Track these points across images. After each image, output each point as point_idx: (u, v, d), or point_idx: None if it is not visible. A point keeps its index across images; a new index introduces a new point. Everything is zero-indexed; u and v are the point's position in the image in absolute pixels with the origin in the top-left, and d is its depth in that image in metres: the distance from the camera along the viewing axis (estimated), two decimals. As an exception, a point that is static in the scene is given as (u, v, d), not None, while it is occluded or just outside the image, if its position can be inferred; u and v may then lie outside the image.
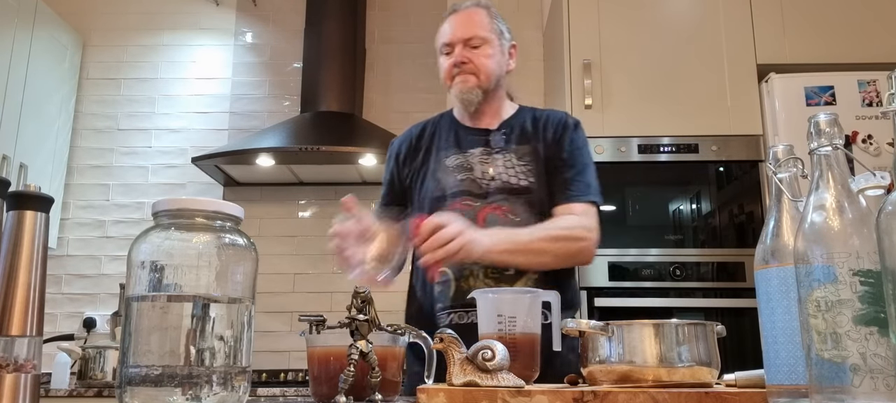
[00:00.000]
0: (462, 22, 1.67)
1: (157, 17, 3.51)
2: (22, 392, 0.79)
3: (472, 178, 1.61)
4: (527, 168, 1.62)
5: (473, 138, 1.67)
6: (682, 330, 0.98)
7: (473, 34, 1.64)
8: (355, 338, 0.99)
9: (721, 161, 2.66)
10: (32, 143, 2.96)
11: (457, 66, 1.63)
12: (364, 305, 0.99)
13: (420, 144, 1.72)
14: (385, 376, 0.99)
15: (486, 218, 1.56)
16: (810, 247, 0.72)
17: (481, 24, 1.66)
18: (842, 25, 2.76)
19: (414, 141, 1.73)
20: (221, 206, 0.82)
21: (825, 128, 0.75)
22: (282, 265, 3.21)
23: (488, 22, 1.68)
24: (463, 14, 1.68)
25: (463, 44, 1.64)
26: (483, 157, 1.64)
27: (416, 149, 1.72)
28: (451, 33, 1.66)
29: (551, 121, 1.69)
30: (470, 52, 1.64)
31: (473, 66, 1.63)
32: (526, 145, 1.65)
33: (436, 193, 1.63)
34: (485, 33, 1.66)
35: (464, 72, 1.63)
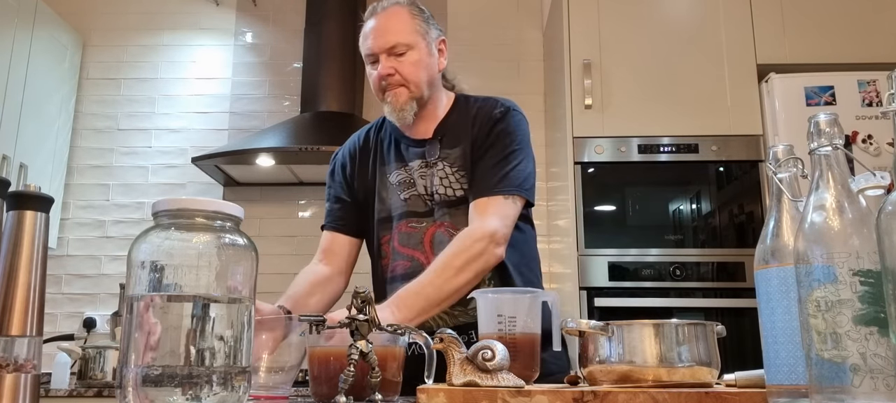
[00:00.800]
0: (381, 29, 1.50)
1: (157, 17, 3.51)
2: (22, 392, 0.79)
3: (416, 195, 1.52)
4: (460, 174, 1.50)
5: (413, 150, 1.55)
6: (682, 330, 0.98)
7: (396, 42, 1.48)
8: (355, 338, 0.99)
9: (721, 161, 2.66)
10: (32, 143, 2.96)
11: (383, 80, 1.49)
12: (364, 305, 0.99)
13: (365, 158, 1.60)
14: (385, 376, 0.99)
15: (432, 238, 1.49)
16: (810, 247, 0.72)
17: (402, 27, 1.49)
18: (842, 25, 2.77)
19: (358, 155, 1.62)
20: (221, 206, 0.81)
21: (825, 128, 0.75)
22: (282, 265, 3.21)
23: (410, 22, 1.51)
24: (382, 18, 1.51)
25: (386, 53, 1.48)
26: (422, 170, 1.53)
27: (362, 161, 1.60)
28: (371, 44, 1.50)
29: (480, 114, 1.55)
30: (395, 61, 1.48)
31: (401, 77, 1.48)
32: (456, 148, 1.52)
33: (381, 214, 1.55)
34: (407, 37, 1.49)
35: (392, 86, 1.49)
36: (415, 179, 1.53)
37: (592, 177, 2.64)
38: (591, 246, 2.57)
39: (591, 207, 2.61)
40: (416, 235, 1.50)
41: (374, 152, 1.61)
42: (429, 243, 1.49)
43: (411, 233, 1.50)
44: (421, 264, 1.47)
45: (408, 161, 1.55)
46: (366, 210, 1.60)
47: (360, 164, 1.61)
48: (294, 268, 3.19)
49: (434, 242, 1.49)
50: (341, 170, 1.64)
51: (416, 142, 1.56)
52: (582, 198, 2.61)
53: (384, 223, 1.55)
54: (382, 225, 1.55)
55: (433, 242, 1.49)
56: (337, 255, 1.62)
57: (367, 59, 1.53)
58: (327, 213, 1.64)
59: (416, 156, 1.55)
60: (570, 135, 2.68)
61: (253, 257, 0.83)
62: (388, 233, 1.55)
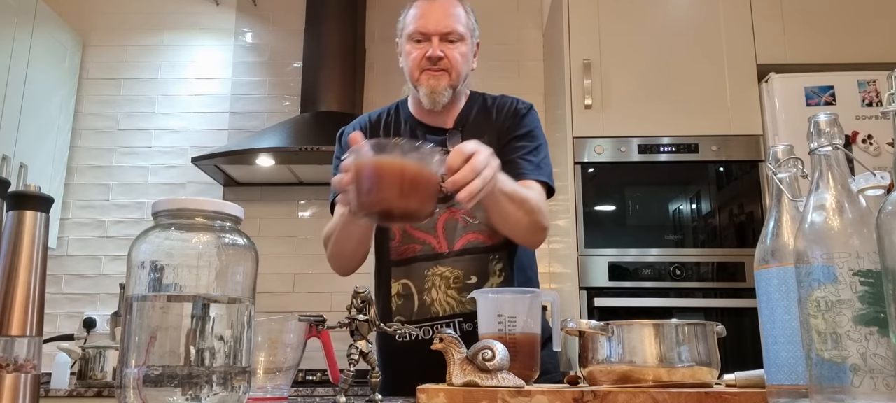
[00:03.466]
0: (441, 13, 1.52)
1: (157, 17, 3.51)
2: (22, 392, 0.79)
3: None
4: None
5: (431, 138, 1.56)
6: (682, 330, 0.98)
7: (453, 28, 1.51)
8: (355, 338, 0.99)
9: (721, 161, 2.66)
10: (32, 143, 2.96)
11: (431, 60, 1.50)
12: (364, 305, 0.99)
13: (377, 135, 1.59)
14: (416, 197, 1.00)
15: (445, 224, 1.51)
16: (810, 247, 0.72)
17: (459, 18, 1.53)
18: (842, 25, 2.77)
19: (369, 131, 1.60)
20: (221, 206, 0.81)
21: (825, 128, 0.75)
22: (282, 265, 3.21)
23: (465, 16, 1.55)
24: (442, 3, 1.53)
25: (441, 37, 1.50)
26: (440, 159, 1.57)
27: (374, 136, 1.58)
28: (430, 23, 1.51)
29: (504, 107, 1.60)
30: (446, 46, 1.51)
31: (449, 62, 1.50)
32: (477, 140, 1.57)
33: None
34: (463, 29, 1.53)
35: (438, 69, 1.50)
36: None
37: (592, 176, 2.64)
38: (591, 246, 2.57)
39: (591, 207, 2.61)
40: (429, 220, 1.49)
41: (386, 132, 1.60)
42: (441, 229, 1.50)
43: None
44: (433, 248, 1.49)
45: None
46: None
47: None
48: (294, 268, 3.23)
49: (447, 228, 1.50)
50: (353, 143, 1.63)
51: (435, 130, 1.57)
52: (582, 197, 2.61)
53: None
54: None
55: (446, 228, 1.50)
56: None
57: (412, 36, 1.53)
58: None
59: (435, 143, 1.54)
60: (570, 135, 2.68)
61: (253, 257, 0.83)
62: None
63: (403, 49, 1.57)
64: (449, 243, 1.49)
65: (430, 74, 1.51)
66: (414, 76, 1.53)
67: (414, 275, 1.49)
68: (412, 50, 1.53)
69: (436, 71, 1.50)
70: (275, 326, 1.00)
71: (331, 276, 3.18)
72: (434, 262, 1.48)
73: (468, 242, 1.49)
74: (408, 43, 1.54)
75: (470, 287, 1.45)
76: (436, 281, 1.47)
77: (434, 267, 1.48)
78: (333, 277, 3.39)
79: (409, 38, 1.54)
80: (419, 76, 1.52)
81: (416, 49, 1.52)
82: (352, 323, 0.99)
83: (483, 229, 1.50)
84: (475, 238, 1.50)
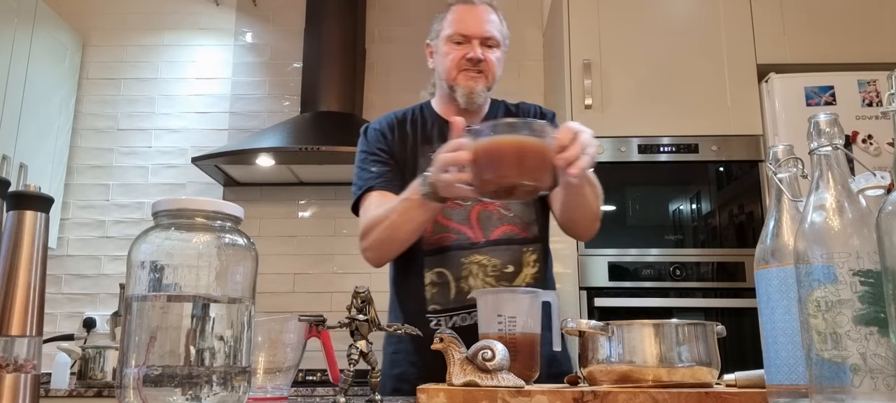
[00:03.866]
0: (482, 17, 1.60)
1: (157, 17, 3.51)
2: (22, 392, 0.79)
3: None
4: None
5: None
6: (682, 330, 0.98)
7: (493, 34, 1.59)
8: (355, 338, 0.99)
9: (721, 161, 2.66)
10: (32, 143, 2.96)
11: (471, 62, 1.57)
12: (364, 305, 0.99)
13: (405, 132, 1.63)
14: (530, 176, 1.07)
15: (479, 215, 1.54)
16: (810, 247, 0.72)
17: (496, 24, 1.62)
18: (842, 25, 2.76)
19: (397, 128, 1.64)
20: (221, 206, 0.81)
21: (825, 128, 0.75)
22: (282, 265, 3.21)
23: (500, 24, 1.63)
24: (483, 9, 1.61)
25: (481, 41, 1.58)
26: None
27: (402, 135, 1.63)
28: (471, 26, 1.58)
29: (529, 113, 1.68)
30: (486, 50, 1.58)
31: (486, 65, 1.58)
32: None
33: None
34: (499, 36, 1.61)
35: (477, 70, 1.57)
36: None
37: (592, 177, 2.64)
38: (591, 246, 2.57)
39: (591, 207, 2.61)
40: (462, 212, 1.53)
41: (413, 130, 1.63)
42: (476, 219, 1.52)
43: (456, 210, 1.53)
44: (468, 238, 1.51)
45: None
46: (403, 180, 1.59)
47: (400, 137, 1.62)
48: (294, 268, 3.23)
49: (480, 219, 1.53)
50: (382, 138, 1.62)
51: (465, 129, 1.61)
52: (582, 197, 2.60)
53: None
54: None
55: (480, 219, 1.53)
56: None
57: (452, 38, 1.58)
58: (376, 175, 1.58)
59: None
60: (570, 135, 2.67)
61: (253, 257, 0.83)
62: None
63: (440, 50, 1.62)
64: (484, 233, 1.52)
65: (469, 75, 1.57)
66: (451, 76, 1.58)
67: (450, 264, 1.50)
68: (451, 50, 1.58)
69: (475, 73, 1.57)
70: (275, 326, 1.00)
71: (331, 276, 3.22)
72: (470, 251, 1.50)
73: (503, 233, 1.53)
74: (446, 44, 1.60)
75: (507, 275, 1.49)
76: (473, 269, 1.49)
77: (471, 255, 1.50)
78: (334, 277, 3.39)
79: (449, 39, 1.59)
80: (457, 76, 1.58)
81: (456, 50, 1.58)
82: (352, 323, 0.99)
83: (517, 221, 1.54)
84: (510, 229, 1.54)
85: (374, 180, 1.57)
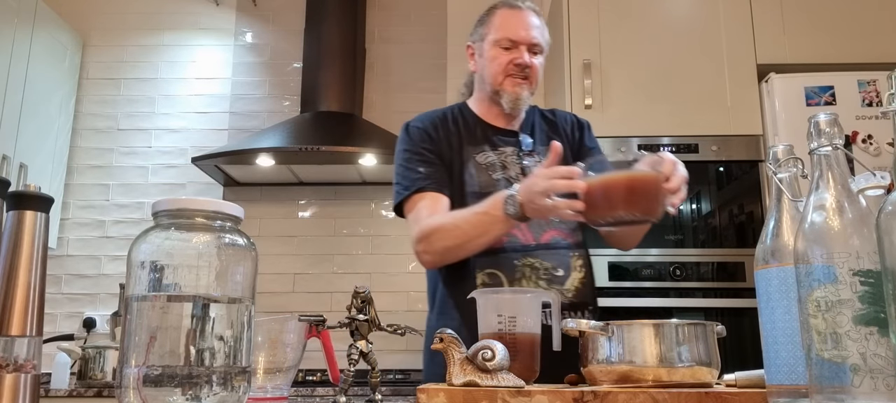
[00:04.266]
0: (529, 23, 1.60)
1: (157, 17, 3.51)
2: (22, 392, 0.79)
3: (506, 178, 1.57)
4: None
5: (503, 138, 1.63)
6: (682, 330, 0.98)
7: (540, 41, 1.61)
8: (355, 338, 0.99)
9: (721, 161, 2.66)
10: (32, 143, 2.96)
11: (519, 67, 1.57)
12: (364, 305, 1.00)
13: (449, 132, 1.62)
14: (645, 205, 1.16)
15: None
16: (810, 247, 0.72)
17: (542, 31, 1.62)
18: (842, 25, 2.76)
19: (440, 126, 1.63)
20: (221, 206, 0.81)
21: (825, 128, 0.75)
22: (282, 265, 3.21)
23: (544, 31, 1.64)
24: (531, 16, 1.62)
25: (529, 47, 1.59)
26: (515, 158, 1.61)
27: (447, 135, 1.62)
28: (520, 32, 1.59)
29: (566, 120, 1.71)
30: (532, 57, 1.59)
31: (533, 72, 1.59)
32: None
33: (472, 189, 1.56)
34: (544, 43, 1.62)
35: (523, 76, 1.58)
36: (507, 164, 1.60)
37: (592, 177, 2.64)
38: (591, 246, 2.56)
39: (591, 207, 2.61)
40: None
41: (457, 130, 1.63)
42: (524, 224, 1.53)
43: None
44: (519, 241, 1.52)
45: (499, 146, 1.62)
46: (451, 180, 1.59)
47: (445, 137, 1.62)
48: (294, 268, 3.23)
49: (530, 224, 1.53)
50: (427, 137, 1.61)
51: (506, 132, 1.64)
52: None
53: (474, 198, 1.54)
54: (473, 199, 1.54)
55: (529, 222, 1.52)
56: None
57: (501, 42, 1.59)
58: (425, 176, 1.56)
59: (507, 143, 1.63)
60: (570, 135, 2.68)
61: (253, 257, 0.83)
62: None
63: (485, 53, 1.62)
64: (534, 236, 1.54)
65: (516, 81, 1.58)
66: (498, 81, 1.59)
67: (503, 265, 1.51)
68: (498, 55, 1.59)
69: (521, 79, 1.58)
70: (275, 326, 1.00)
71: (331, 276, 3.22)
72: (523, 254, 1.51)
73: (552, 237, 1.55)
74: (493, 48, 1.60)
75: (558, 279, 1.51)
76: (526, 271, 1.50)
77: (523, 258, 1.51)
78: (334, 277, 3.40)
79: (496, 43, 1.60)
80: (504, 81, 1.59)
81: (504, 55, 1.59)
82: (352, 323, 0.99)
83: (562, 227, 1.56)
84: (557, 234, 1.56)
85: (422, 181, 1.55)
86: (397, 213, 1.61)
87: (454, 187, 1.57)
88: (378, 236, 3.23)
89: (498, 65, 1.59)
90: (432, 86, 3.35)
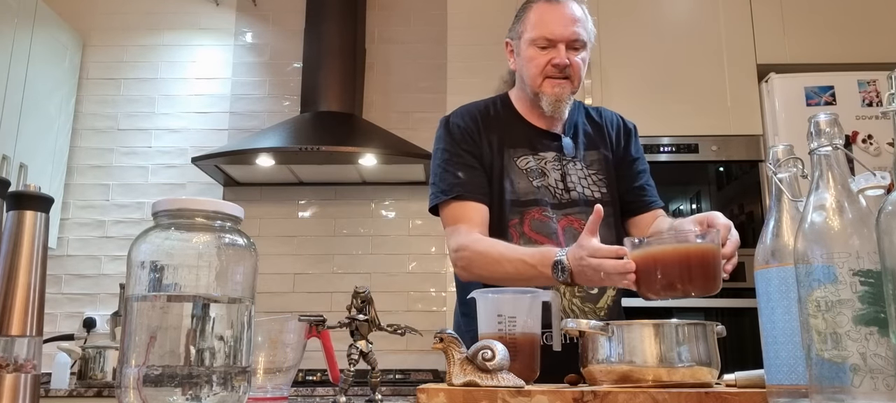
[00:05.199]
0: (567, 18, 1.47)
1: (157, 17, 3.51)
2: (22, 392, 0.79)
3: (546, 185, 1.50)
4: (599, 177, 1.55)
5: (545, 141, 1.54)
6: (682, 330, 0.98)
7: (580, 35, 1.48)
8: (355, 338, 0.99)
9: (721, 161, 2.66)
10: (32, 143, 2.96)
11: (558, 68, 1.46)
12: (364, 305, 1.00)
13: (491, 132, 1.52)
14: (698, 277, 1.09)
15: (564, 230, 1.48)
16: (810, 247, 0.72)
17: (583, 23, 1.49)
18: (842, 25, 2.77)
19: (481, 126, 1.53)
20: (221, 206, 0.81)
21: (825, 128, 0.75)
22: (282, 265, 3.21)
23: (586, 22, 1.51)
24: (566, 8, 1.48)
25: (568, 44, 1.47)
26: (556, 164, 1.52)
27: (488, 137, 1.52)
28: (557, 29, 1.46)
29: (612, 124, 1.61)
30: (572, 54, 1.47)
31: (573, 70, 1.47)
32: (594, 151, 1.57)
33: (512, 197, 1.48)
34: (584, 35, 1.49)
35: (563, 76, 1.47)
36: (547, 170, 1.51)
37: (592, 177, 2.64)
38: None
39: (591, 207, 2.61)
40: (550, 224, 1.47)
41: (498, 130, 1.53)
42: (562, 234, 1.47)
43: (545, 222, 1.47)
44: None
45: (540, 150, 1.52)
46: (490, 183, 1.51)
47: (486, 138, 1.52)
48: (294, 268, 3.23)
49: (566, 235, 1.47)
50: (469, 139, 1.51)
51: (549, 134, 1.55)
52: (582, 197, 2.60)
53: (513, 206, 1.48)
54: (512, 208, 1.48)
55: (565, 235, 1.47)
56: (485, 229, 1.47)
57: (537, 41, 1.48)
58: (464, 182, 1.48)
59: (548, 147, 1.53)
60: (570, 135, 2.68)
61: (253, 257, 0.83)
62: (517, 217, 1.48)
63: (522, 53, 1.52)
64: None
65: (555, 82, 1.48)
66: (536, 83, 1.49)
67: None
68: (536, 55, 1.49)
69: (561, 79, 1.47)
70: (275, 326, 1.00)
71: (331, 276, 3.21)
72: None
73: None
74: (530, 48, 1.49)
75: (592, 296, 1.46)
76: (561, 287, 1.40)
77: None
78: (334, 277, 3.39)
79: (532, 43, 1.49)
80: (542, 83, 1.49)
81: (541, 55, 1.48)
82: (352, 323, 0.99)
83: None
84: None
85: (461, 188, 1.47)
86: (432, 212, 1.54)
87: (493, 192, 1.49)
88: (378, 236, 3.23)
89: (535, 66, 1.48)
90: (432, 86, 3.35)
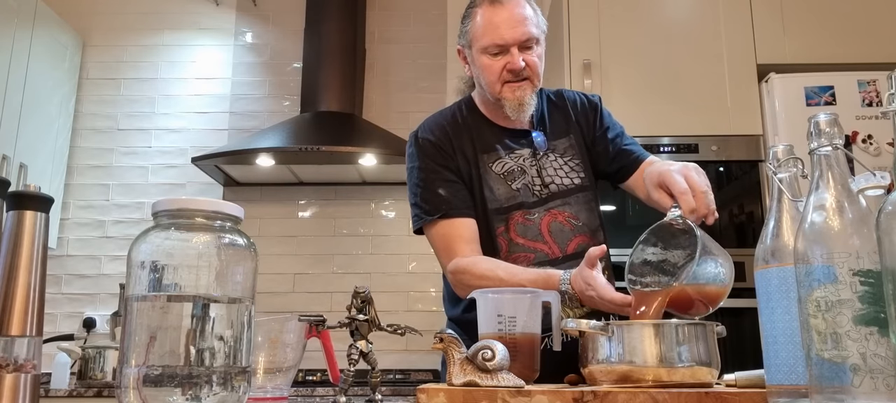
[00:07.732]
0: (516, 19, 1.43)
1: (157, 17, 3.51)
2: (22, 392, 0.79)
3: (524, 185, 1.48)
4: (574, 162, 1.53)
5: (517, 140, 1.52)
6: (682, 330, 0.98)
7: (530, 34, 1.43)
8: (355, 338, 0.99)
9: (721, 161, 2.66)
10: (32, 143, 2.95)
11: (516, 73, 1.43)
12: (364, 305, 1.00)
13: (462, 142, 1.50)
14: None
15: (549, 228, 1.46)
16: (810, 247, 0.72)
17: (531, 19, 1.45)
18: (842, 25, 2.76)
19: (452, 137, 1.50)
20: (221, 206, 0.81)
21: (825, 128, 0.75)
22: (282, 265, 3.21)
23: (534, 15, 1.47)
24: (511, 8, 1.44)
25: (519, 46, 1.43)
26: (531, 161, 1.51)
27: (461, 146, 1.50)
28: (507, 34, 1.43)
29: (576, 103, 1.59)
30: (526, 54, 1.44)
31: (530, 70, 1.44)
32: (564, 139, 1.54)
33: (493, 205, 1.47)
34: (536, 31, 1.45)
35: (521, 78, 1.44)
36: (525, 169, 1.49)
37: (592, 177, 2.64)
38: (591, 246, 2.57)
39: (591, 207, 2.61)
40: (533, 227, 1.46)
41: (469, 138, 1.51)
42: (547, 232, 1.46)
43: (528, 225, 1.46)
44: (546, 255, 1.45)
45: (513, 149, 1.50)
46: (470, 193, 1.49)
47: (459, 146, 1.50)
48: (294, 268, 3.23)
49: (552, 231, 1.46)
50: (442, 154, 1.49)
51: (516, 132, 1.53)
52: (582, 197, 2.60)
53: (496, 214, 1.46)
54: (496, 217, 1.46)
55: (551, 231, 1.46)
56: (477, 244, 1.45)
57: (489, 49, 1.44)
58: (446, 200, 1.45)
59: (522, 146, 1.51)
60: (570, 135, 2.68)
61: (253, 257, 0.83)
62: (502, 225, 1.47)
63: (476, 61, 1.48)
64: (560, 247, 1.46)
65: (514, 86, 1.45)
66: (495, 90, 1.46)
67: None
68: (490, 63, 1.45)
69: (519, 81, 1.45)
70: (275, 326, 1.00)
71: (331, 276, 3.21)
72: (551, 268, 1.39)
73: (578, 245, 1.47)
74: (482, 56, 1.46)
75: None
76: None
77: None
78: (333, 277, 3.39)
79: (484, 51, 1.45)
80: (501, 89, 1.45)
81: (495, 62, 1.44)
82: (352, 323, 0.99)
83: (585, 230, 1.49)
84: (583, 240, 1.48)
85: (446, 205, 1.45)
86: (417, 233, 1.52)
87: (475, 203, 1.47)
88: (378, 236, 3.23)
89: (492, 73, 1.45)
90: (432, 86, 3.35)
